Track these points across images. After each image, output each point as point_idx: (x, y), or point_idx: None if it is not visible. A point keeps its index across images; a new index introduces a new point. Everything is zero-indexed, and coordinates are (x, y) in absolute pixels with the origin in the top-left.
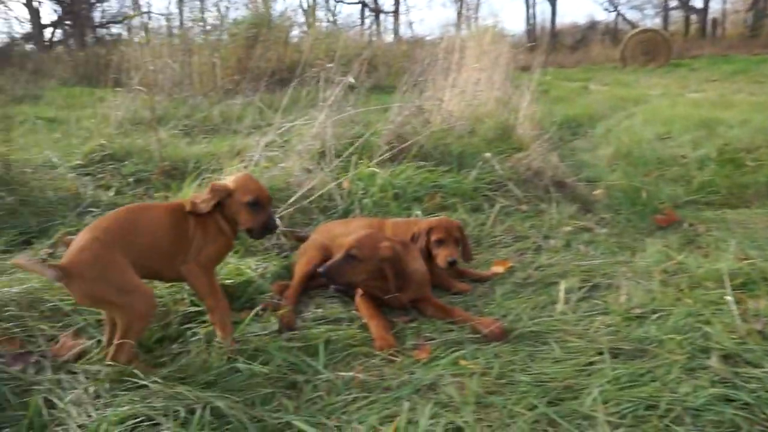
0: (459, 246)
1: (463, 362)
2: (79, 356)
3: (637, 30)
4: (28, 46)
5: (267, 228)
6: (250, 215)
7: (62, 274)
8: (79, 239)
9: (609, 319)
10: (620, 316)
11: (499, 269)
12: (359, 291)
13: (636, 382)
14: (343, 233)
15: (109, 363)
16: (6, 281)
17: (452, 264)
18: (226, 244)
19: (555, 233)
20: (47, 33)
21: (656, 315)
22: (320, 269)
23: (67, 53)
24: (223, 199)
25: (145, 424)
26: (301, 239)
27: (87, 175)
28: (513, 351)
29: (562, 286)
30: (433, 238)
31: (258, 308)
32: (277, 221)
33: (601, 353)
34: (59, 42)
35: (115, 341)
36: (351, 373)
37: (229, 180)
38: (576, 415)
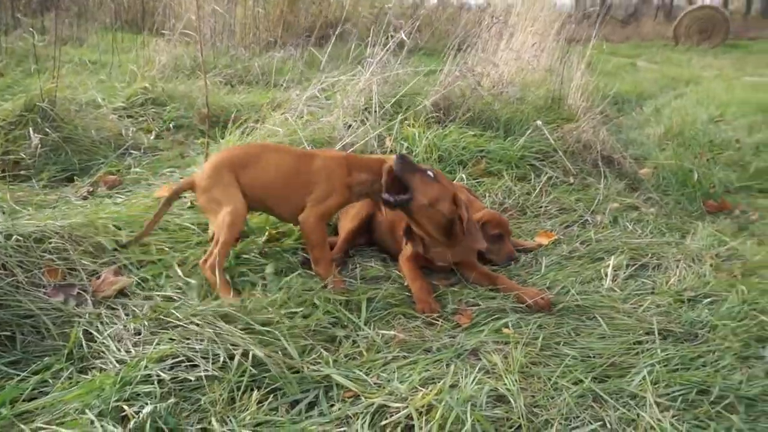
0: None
1: (506, 330)
2: (120, 293)
3: (694, 6)
4: None
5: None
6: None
7: (189, 183)
8: (211, 158)
9: (659, 299)
10: (671, 297)
11: (543, 240)
12: (405, 252)
13: (687, 365)
14: None
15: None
16: (50, 214)
17: (514, 261)
18: (347, 202)
19: (602, 209)
20: None
21: (708, 299)
22: (399, 155)
23: None
24: None
25: (185, 364)
26: None
27: (129, 117)
28: (558, 323)
29: (611, 262)
30: (492, 232)
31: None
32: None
33: (649, 333)
34: None
35: (209, 249)
36: (392, 332)
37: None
38: (623, 393)
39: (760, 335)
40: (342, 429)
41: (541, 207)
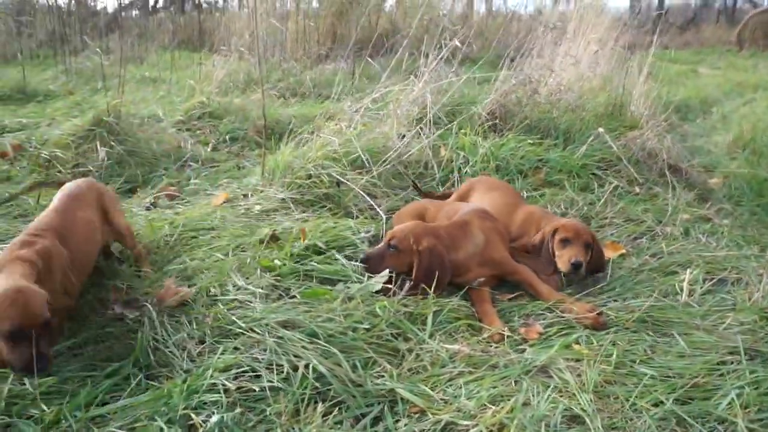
0: (589, 252)
1: (577, 347)
2: (182, 303)
3: (759, 9)
4: (134, 12)
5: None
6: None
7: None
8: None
9: (741, 316)
10: (755, 314)
11: (610, 253)
12: None
13: None
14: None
15: None
16: None
17: (577, 267)
18: None
19: (671, 220)
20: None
21: None
22: (361, 257)
23: (168, 19)
24: None
25: (249, 374)
26: (427, 194)
27: (187, 130)
28: (632, 340)
29: (686, 276)
30: (558, 237)
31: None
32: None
33: (734, 353)
34: (162, 8)
35: None
36: (456, 346)
37: None
38: (710, 417)
39: None
40: None
41: (606, 218)
